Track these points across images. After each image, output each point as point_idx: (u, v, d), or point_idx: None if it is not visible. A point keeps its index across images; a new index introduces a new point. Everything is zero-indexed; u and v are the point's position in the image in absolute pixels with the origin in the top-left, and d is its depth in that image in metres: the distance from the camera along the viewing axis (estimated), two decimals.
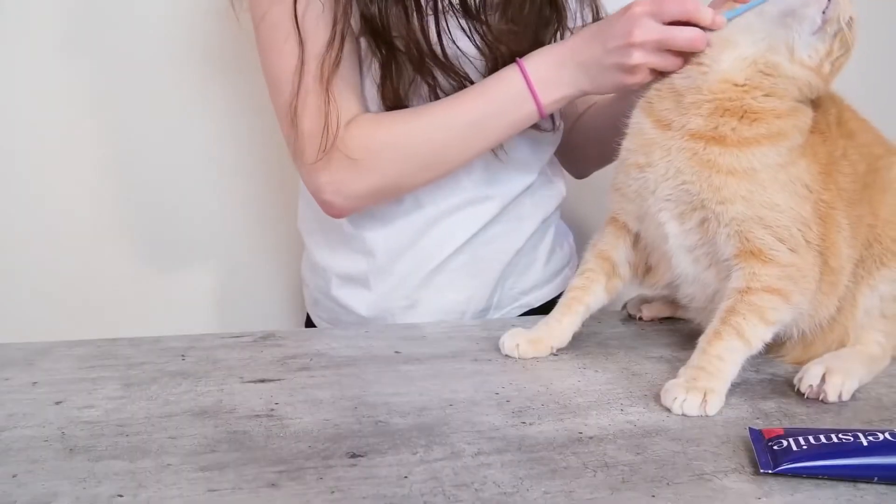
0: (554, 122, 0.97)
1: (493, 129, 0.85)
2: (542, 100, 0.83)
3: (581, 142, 1.07)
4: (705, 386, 0.66)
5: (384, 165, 0.86)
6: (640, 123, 0.75)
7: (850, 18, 0.68)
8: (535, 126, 0.91)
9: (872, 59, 1.42)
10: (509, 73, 0.84)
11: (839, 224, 0.72)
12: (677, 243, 0.74)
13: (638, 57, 0.76)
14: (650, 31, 0.75)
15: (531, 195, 0.99)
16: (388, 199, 0.92)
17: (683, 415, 0.65)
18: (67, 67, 1.15)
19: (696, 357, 0.68)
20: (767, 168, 0.69)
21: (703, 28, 0.73)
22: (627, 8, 0.78)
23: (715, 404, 0.65)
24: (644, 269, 0.81)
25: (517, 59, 0.84)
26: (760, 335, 0.68)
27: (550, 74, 0.83)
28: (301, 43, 0.82)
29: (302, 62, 0.83)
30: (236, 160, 1.23)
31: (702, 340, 0.69)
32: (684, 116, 0.71)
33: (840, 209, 0.72)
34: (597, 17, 0.96)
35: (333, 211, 0.90)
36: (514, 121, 0.85)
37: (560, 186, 1.04)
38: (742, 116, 0.69)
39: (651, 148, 0.73)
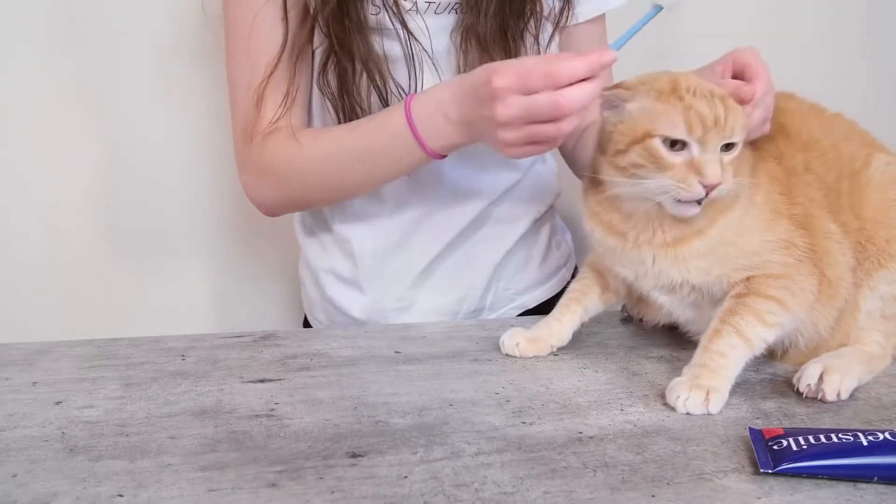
0: None
1: (380, 165, 0.84)
2: (431, 145, 0.80)
3: (586, 159, 1.05)
4: (708, 384, 0.66)
5: (283, 183, 0.89)
6: (599, 237, 0.75)
7: None
8: None
9: (873, 59, 1.43)
10: (396, 115, 0.81)
11: (827, 229, 0.72)
12: (674, 305, 0.75)
13: (508, 137, 0.73)
14: (513, 106, 0.71)
15: (519, 193, 0.98)
16: (304, 209, 0.97)
17: (687, 413, 0.65)
18: (68, 68, 1.15)
19: (698, 354, 0.69)
20: (734, 226, 0.70)
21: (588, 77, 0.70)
22: (489, 76, 0.72)
23: (717, 402, 0.65)
24: (637, 299, 0.81)
25: (407, 97, 0.81)
26: (760, 334, 0.68)
27: (436, 123, 0.79)
28: (286, 31, 0.84)
29: (283, 49, 0.84)
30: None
31: (703, 339, 0.69)
32: (635, 230, 0.72)
33: (820, 215, 0.72)
34: (569, 5, 0.91)
35: (261, 210, 0.94)
36: (402, 161, 0.83)
37: (553, 185, 1.03)
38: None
39: (621, 258, 0.74)
